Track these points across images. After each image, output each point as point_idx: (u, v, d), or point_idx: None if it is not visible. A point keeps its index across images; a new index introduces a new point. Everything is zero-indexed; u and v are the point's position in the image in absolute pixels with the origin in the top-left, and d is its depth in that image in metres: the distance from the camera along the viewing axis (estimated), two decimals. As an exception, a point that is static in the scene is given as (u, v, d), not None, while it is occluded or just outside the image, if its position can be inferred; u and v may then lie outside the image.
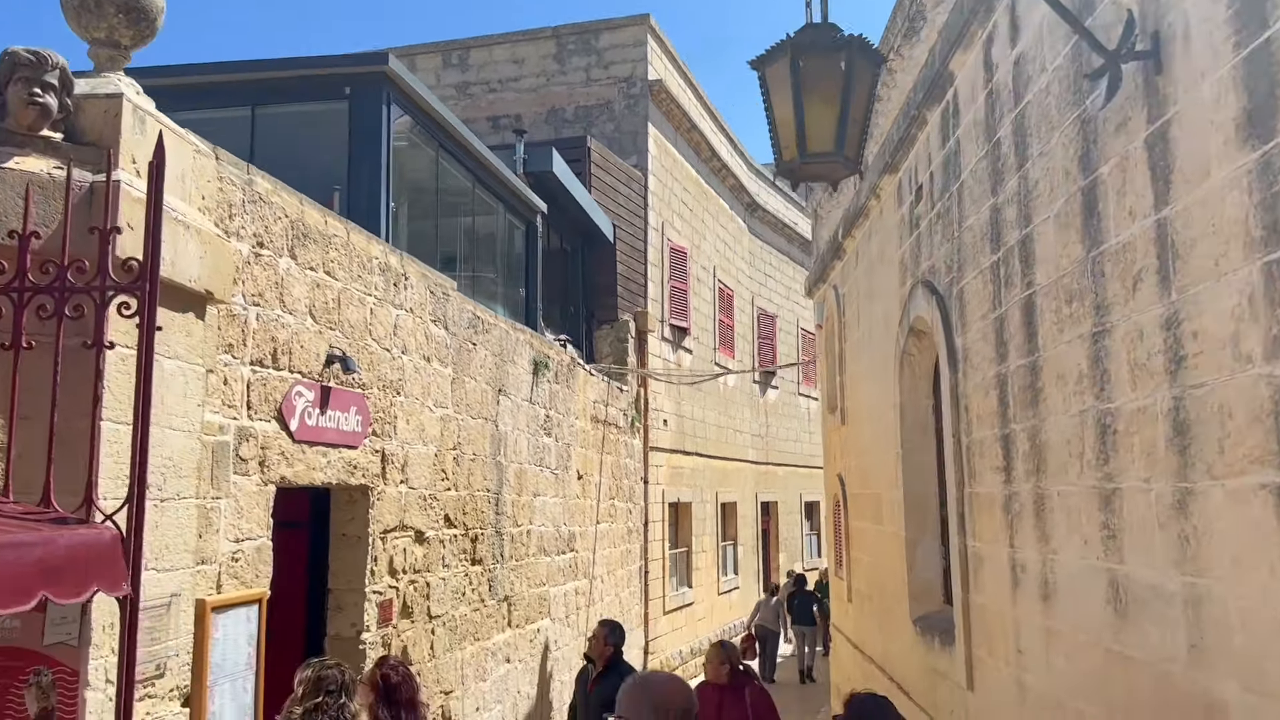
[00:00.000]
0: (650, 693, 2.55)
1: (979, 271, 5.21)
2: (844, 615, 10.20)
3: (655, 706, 2.49)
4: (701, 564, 17.34)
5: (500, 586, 8.51)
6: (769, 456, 21.66)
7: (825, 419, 11.19)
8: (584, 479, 11.45)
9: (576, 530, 11.05)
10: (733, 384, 19.75)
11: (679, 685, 2.66)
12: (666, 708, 2.50)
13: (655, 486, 15.33)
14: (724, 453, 18.92)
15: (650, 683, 2.66)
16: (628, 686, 2.60)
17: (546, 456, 9.96)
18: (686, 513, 16.84)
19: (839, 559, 10.46)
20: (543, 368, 9.76)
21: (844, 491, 9.91)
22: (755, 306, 21.42)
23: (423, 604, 6.93)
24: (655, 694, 2.55)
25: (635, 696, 2.54)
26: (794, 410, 23.38)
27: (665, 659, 15.33)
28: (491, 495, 8.33)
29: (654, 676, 2.75)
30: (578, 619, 11.04)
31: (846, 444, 9.77)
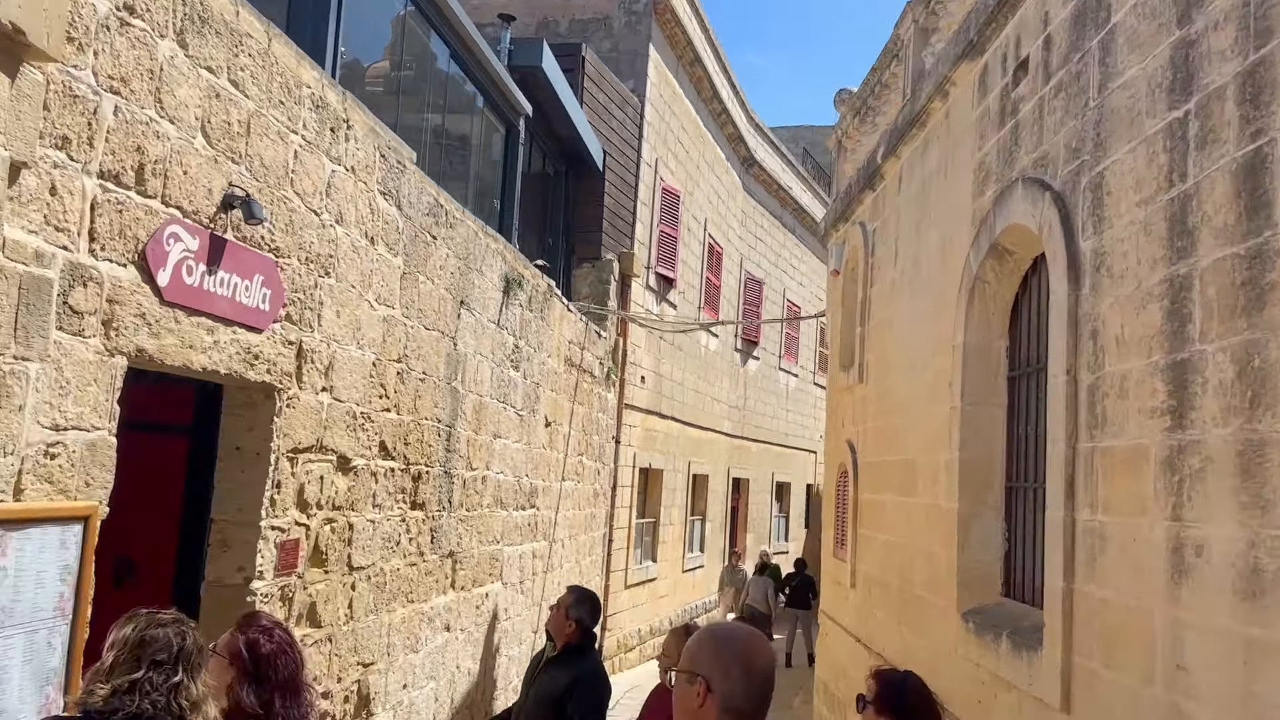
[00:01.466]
0: (733, 648, 2.02)
1: (1141, 141, 3.75)
2: (841, 603, 8.80)
3: (741, 665, 1.98)
4: (668, 537, 15.92)
5: (445, 539, 6.99)
6: (744, 430, 20.27)
7: (834, 380, 9.76)
8: (552, 428, 9.94)
9: (540, 485, 9.54)
10: (714, 349, 18.30)
11: (763, 642, 2.10)
12: (750, 667, 1.99)
13: (627, 448, 13.86)
14: (700, 421, 17.49)
15: (732, 637, 2.08)
16: (704, 638, 2.08)
17: (512, 394, 8.43)
18: (657, 481, 15.40)
19: (838, 538, 9.05)
20: (515, 287, 8.21)
21: (854, 460, 8.49)
22: (744, 270, 19.96)
23: (342, 550, 5.40)
24: (739, 650, 2.02)
25: (710, 652, 2.02)
26: (773, 385, 22.00)
27: (622, 637, 13.91)
28: (443, 428, 6.80)
29: (734, 629, 2.15)
30: (533, 586, 9.55)
31: (864, 405, 8.34)
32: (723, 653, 2.00)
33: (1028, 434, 5.26)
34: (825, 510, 9.87)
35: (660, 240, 14.89)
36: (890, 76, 8.38)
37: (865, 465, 8.16)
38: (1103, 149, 4.07)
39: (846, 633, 8.51)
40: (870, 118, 8.88)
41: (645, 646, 14.99)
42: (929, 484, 6.21)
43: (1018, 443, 5.39)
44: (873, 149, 8.50)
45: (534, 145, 11.41)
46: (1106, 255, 3.99)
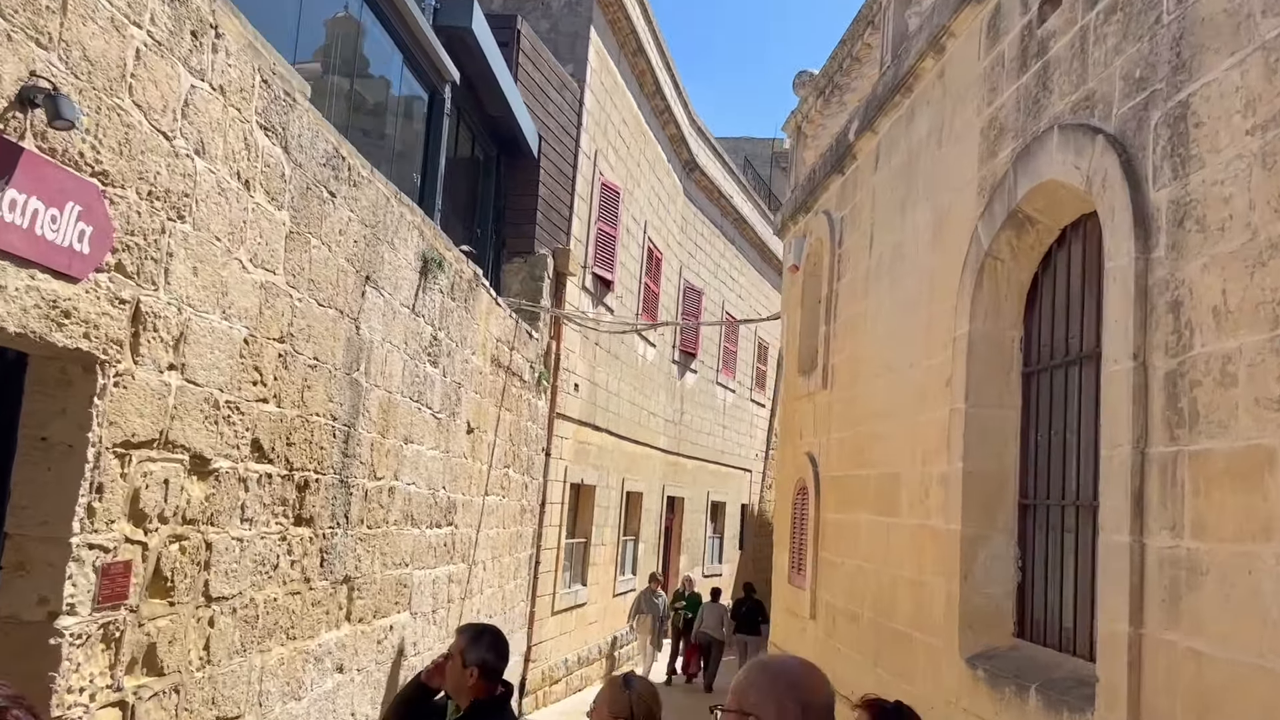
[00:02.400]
0: (788, 680, 1.87)
1: (1256, 49, 2.85)
2: (798, 635, 7.83)
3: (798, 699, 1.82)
4: (599, 559, 14.83)
5: (340, 562, 5.83)
6: (680, 447, 19.30)
7: (791, 387, 8.83)
8: (475, 435, 8.81)
9: (459, 499, 8.40)
10: (652, 359, 17.32)
11: (818, 673, 1.94)
12: (809, 701, 1.83)
13: (558, 462, 12.76)
14: (635, 435, 16.46)
15: (786, 670, 1.92)
16: (752, 672, 1.90)
17: (429, 393, 7.31)
18: (589, 498, 14.31)
19: (795, 563, 8.09)
20: (435, 268, 7.10)
21: (815, 475, 7.55)
22: (683, 278, 19.05)
23: (196, 576, 4.23)
24: (795, 682, 1.87)
25: (765, 687, 1.85)
26: (710, 400, 21.09)
27: (548, 668, 12.76)
28: (339, 428, 5.66)
29: (785, 660, 1.99)
30: (448, 616, 8.38)
31: (827, 413, 7.41)
32: (778, 687, 1.86)
33: (1049, 440, 4.35)
34: (778, 531, 8.92)
35: (599, 239, 13.88)
36: (863, 49, 7.51)
37: (830, 480, 7.21)
38: (1187, 71, 3.17)
39: (804, 670, 7.53)
40: (838, 96, 8.00)
41: (572, 678, 13.85)
42: (917, 501, 5.26)
43: (1035, 451, 4.47)
44: (841, 130, 7.61)
45: (462, 123, 10.32)
46: (1195, 204, 3.08)
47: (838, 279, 7.49)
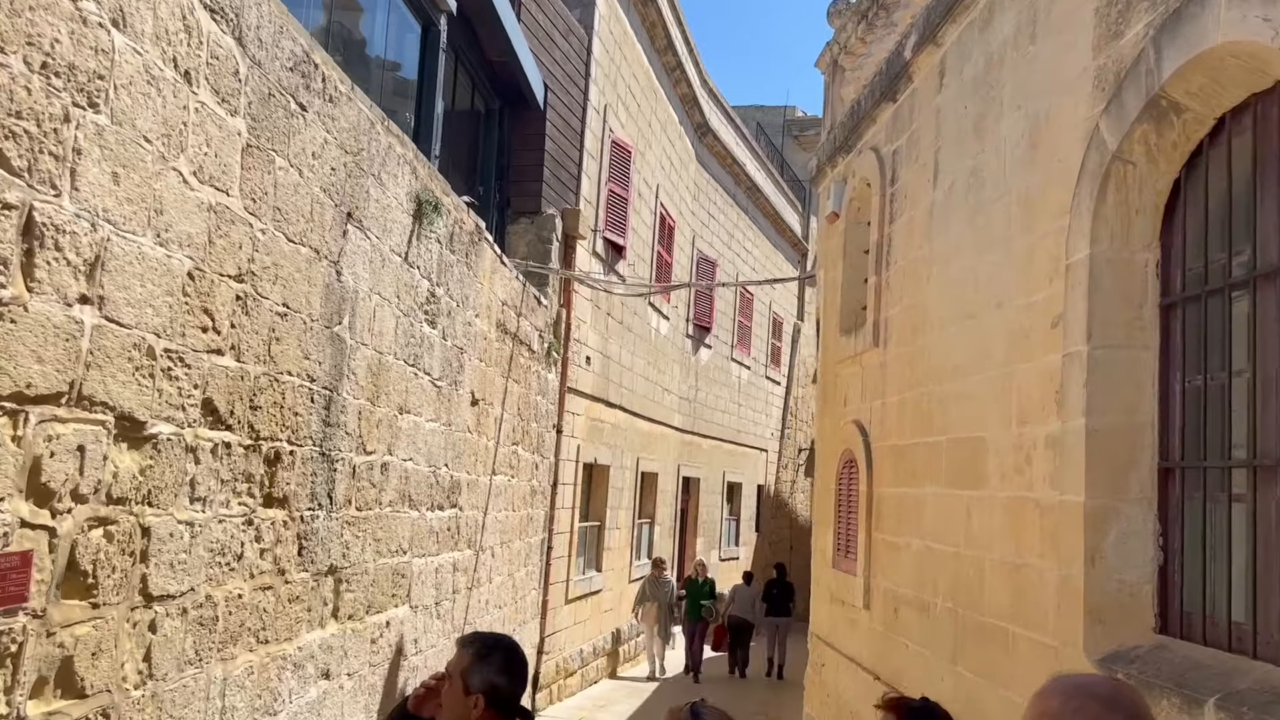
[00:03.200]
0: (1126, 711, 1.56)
1: None
2: (847, 627, 6.95)
3: None
4: (614, 543, 13.97)
5: (322, 550, 4.95)
6: (695, 426, 18.43)
7: (831, 350, 7.92)
8: (480, 408, 7.93)
9: (464, 479, 7.52)
10: (665, 333, 16.42)
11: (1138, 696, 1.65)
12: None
13: (570, 440, 11.88)
14: (649, 413, 15.58)
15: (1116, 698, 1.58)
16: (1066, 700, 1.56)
17: (427, 357, 6.41)
18: (603, 479, 13.44)
19: (841, 545, 7.20)
20: (431, 213, 6.19)
21: (866, 446, 6.65)
22: (695, 248, 18.12)
23: (130, 570, 3.34)
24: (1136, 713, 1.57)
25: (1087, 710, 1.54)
26: (725, 377, 20.19)
27: (562, 660, 11.91)
28: (319, 391, 4.76)
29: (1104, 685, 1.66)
30: (453, 608, 7.52)
31: (880, 375, 6.51)
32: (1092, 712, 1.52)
33: (1202, 387, 3.44)
34: (819, 510, 8.03)
35: (609, 201, 12.95)
36: (915, -43, 6.55)
37: (886, 451, 6.31)
38: None
39: (855, 665, 6.66)
40: (884, 16, 7.06)
41: (588, 669, 13.02)
42: (1012, 471, 4.36)
43: (1180, 401, 3.57)
44: (891, 51, 6.67)
45: (461, 68, 9.39)
46: None
47: (889, 221, 6.56)
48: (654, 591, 14.17)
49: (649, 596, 14.16)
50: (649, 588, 14.26)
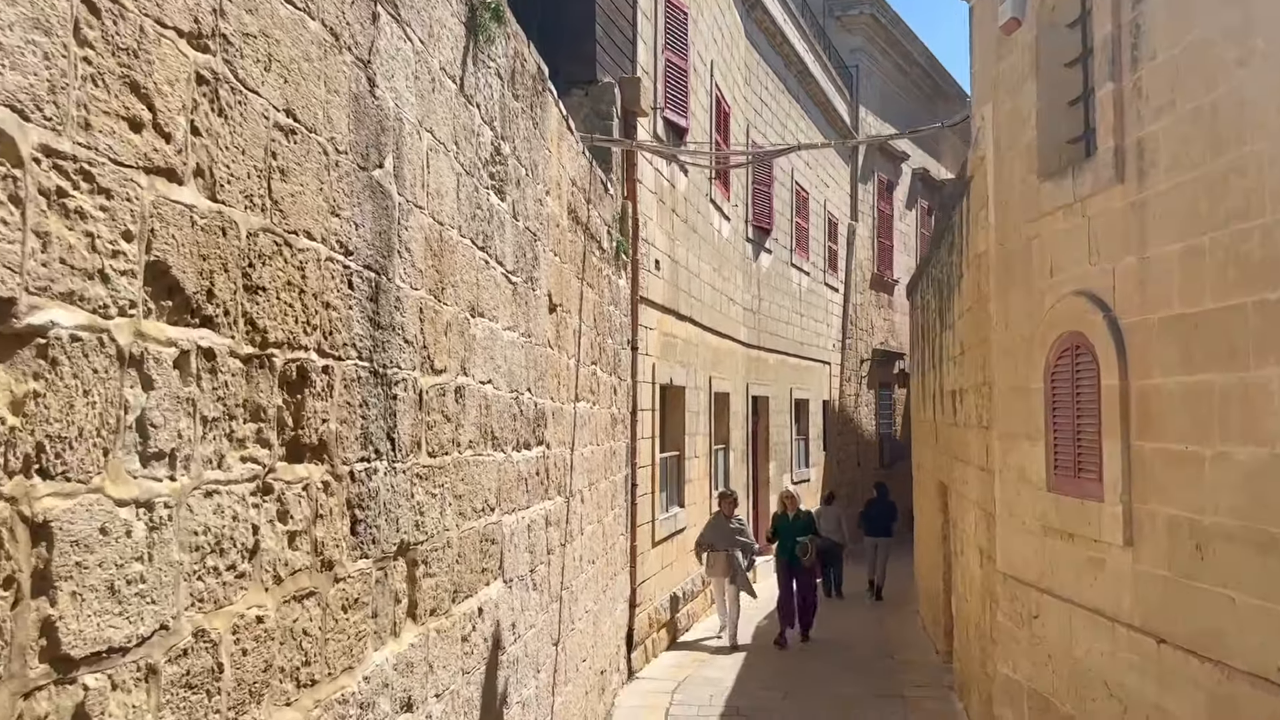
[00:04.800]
0: None
1: None
2: (1084, 571, 5.17)
3: None
4: (694, 474, 12.26)
5: (388, 521, 3.17)
6: (760, 340, 16.59)
7: (1016, 203, 6.01)
8: (559, 315, 6.11)
9: (548, 407, 5.74)
10: (726, 235, 14.50)
11: None
12: None
13: (645, 359, 10.09)
14: (719, 326, 13.75)
15: None
16: None
17: (497, 239, 4.57)
18: (678, 402, 11.67)
19: (1062, 457, 5.38)
20: (490, 23, 4.29)
21: (1111, 323, 4.80)
22: (750, 139, 16.07)
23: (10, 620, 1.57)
24: None
25: None
26: (785, 284, 18.26)
27: (653, 611, 10.28)
28: (359, 272, 2.95)
29: None
30: (549, 574, 5.79)
31: (1138, 220, 4.65)
32: None
33: None
34: (1003, 413, 6.18)
35: (667, 73, 10.94)
36: None
37: (1160, 327, 4.45)
38: None
39: (1106, 621, 4.88)
40: None
41: (680, 617, 11.41)
42: None
43: None
44: None
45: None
46: None
47: (1134, 1, 4.60)
48: (718, 535, 11.12)
49: (714, 543, 11.07)
50: (711, 532, 11.22)
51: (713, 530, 11.25)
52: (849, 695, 9.10)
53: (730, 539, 11.10)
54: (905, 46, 24.61)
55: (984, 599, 7.06)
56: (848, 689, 9.35)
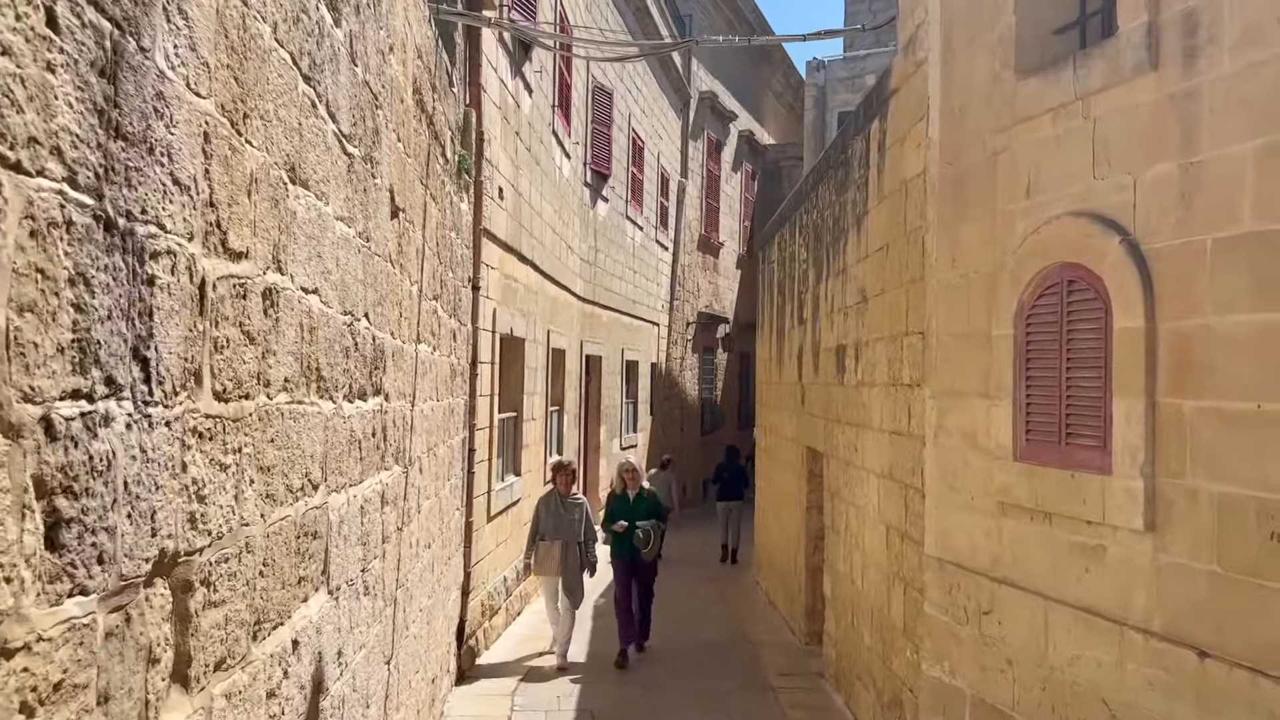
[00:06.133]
0: None
1: None
2: (1073, 560, 4.20)
3: None
4: (531, 438, 10.85)
5: (133, 517, 1.65)
6: (595, 295, 15.32)
7: (964, 115, 4.94)
8: (402, 224, 4.55)
9: (388, 343, 4.20)
10: (567, 175, 13.08)
11: None
12: None
13: (487, 302, 8.58)
14: (557, 275, 12.35)
15: None
16: None
17: (329, 75, 3.01)
18: (517, 356, 10.21)
19: (1045, 422, 4.38)
20: None
21: (1134, 250, 3.79)
22: (591, 73, 14.67)
23: None
24: None
25: None
26: (620, 237, 17.04)
27: (487, 596, 8.83)
28: (75, 2, 1.40)
29: None
30: (383, 570, 4.28)
31: (1191, 114, 3.61)
32: None
33: None
34: (946, 364, 5.12)
35: (515, -29, 9.37)
36: None
37: (1198, 253, 3.47)
38: None
39: (1106, 623, 3.91)
40: None
41: (512, 600, 10.01)
42: None
43: None
44: None
45: None
46: None
47: None
48: (554, 519, 8.59)
49: (547, 530, 8.59)
50: (545, 513, 8.67)
51: (548, 513, 8.62)
52: (713, 689, 8.03)
53: (570, 527, 8.53)
54: (737, 3, 23.79)
55: (894, 585, 6.08)
56: (709, 681, 8.28)
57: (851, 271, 7.31)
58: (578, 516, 8.63)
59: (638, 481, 9.33)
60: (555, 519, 8.60)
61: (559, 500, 8.69)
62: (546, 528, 8.60)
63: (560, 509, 8.63)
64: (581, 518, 8.64)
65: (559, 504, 8.66)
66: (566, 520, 8.58)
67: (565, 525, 8.57)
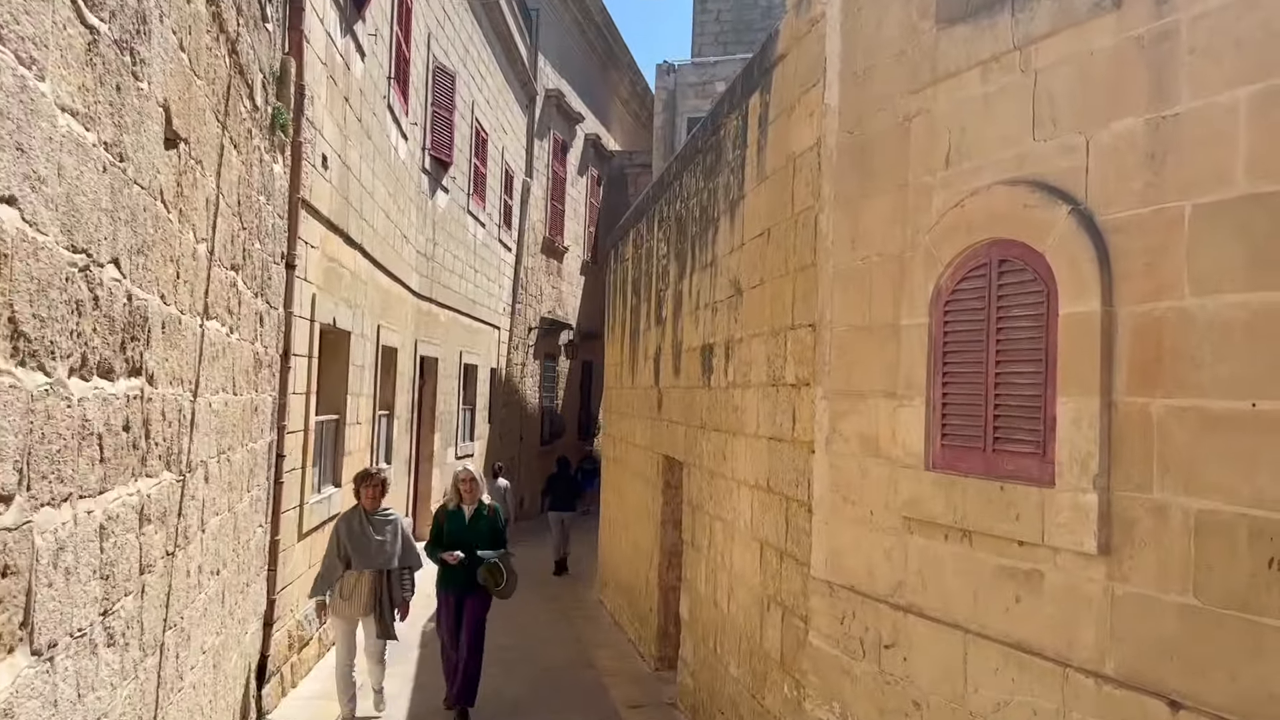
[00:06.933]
0: None
1: None
2: (998, 587, 3.60)
3: None
4: (355, 444, 9.69)
5: None
6: (433, 291, 14.22)
7: (866, 82, 4.31)
8: (183, 158, 3.51)
9: (154, 307, 3.16)
10: (403, 157, 11.97)
11: None
12: None
13: (305, 286, 7.45)
14: (391, 265, 11.23)
15: None
16: None
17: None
18: (341, 351, 9.07)
19: (970, 427, 3.76)
20: None
21: (1088, 223, 3.20)
22: (431, 52, 13.61)
23: None
24: None
25: None
26: (461, 233, 15.98)
27: (295, 626, 7.63)
28: None
29: None
30: (141, 611, 3.21)
31: (1166, 55, 3.03)
32: None
33: None
34: (843, 360, 4.44)
35: (350, -85, 8.29)
36: None
37: (1173, 222, 2.91)
38: None
39: (1045, 663, 3.30)
40: None
41: (326, 630, 8.81)
42: None
43: None
44: None
45: None
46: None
47: None
48: (360, 546, 6.82)
49: (347, 557, 6.81)
50: (349, 536, 6.82)
51: (351, 536, 6.79)
52: (557, 726, 7.16)
53: (382, 551, 6.81)
54: (585, 2, 23.11)
55: (769, 609, 5.40)
56: (552, 717, 7.40)
57: (723, 263, 6.63)
58: (390, 537, 6.91)
59: (477, 494, 7.40)
60: (361, 543, 6.79)
61: (364, 518, 6.86)
62: (355, 552, 6.79)
63: (367, 530, 6.84)
64: (396, 538, 6.94)
65: (364, 523, 6.85)
66: (376, 544, 6.83)
67: (375, 550, 6.82)
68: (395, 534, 6.98)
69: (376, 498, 6.97)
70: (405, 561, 7.04)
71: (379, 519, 6.95)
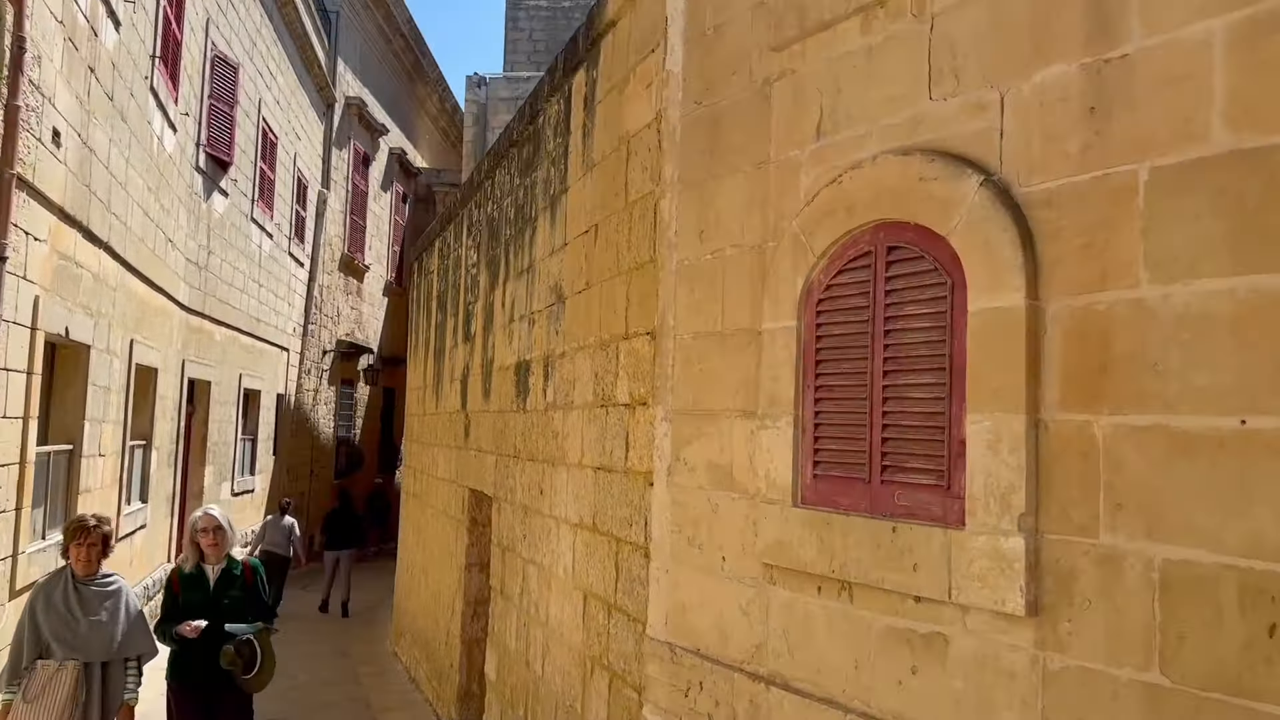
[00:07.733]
0: None
1: None
2: (917, 659, 2.85)
3: None
4: (95, 480, 8.13)
5: None
6: (206, 306, 12.62)
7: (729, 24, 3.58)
8: None
9: None
10: (170, 150, 10.47)
11: None
12: None
13: (23, 285, 6.02)
14: (151, 272, 9.70)
15: None
16: None
17: None
18: (77, 367, 7.55)
19: (866, 454, 3.03)
20: None
21: (1009, 198, 2.54)
22: (209, 38, 12.13)
23: None
24: None
25: None
26: (243, 242, 14.38)
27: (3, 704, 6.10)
28: None
29: None
30: None
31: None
32: None
33: None
34: (689, 374, 3.64)
35: None
36: None
37: (1124, 191, 2.27)
38: None
39: None
40: None
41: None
42: None
43: None
44: None
45: None
46: None
47: None
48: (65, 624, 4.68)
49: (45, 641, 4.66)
50: (48, 614, 4.67)
51: (51, 614, 4.69)
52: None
53: (97, 634, 4.72)
54: (390, 9, 21.87)
55: (593, 674, 4.52)
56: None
57: (542, 267, 5.76)
58: (108, 616, 4.77)
59: (225, 547, 5.27)
60: (64, 622, 4.68)
61: (71, 588, 4.75)
62: (56, 635, 4.65)
63: (71, 604, 4.72)
64: (117, 616, 4.80)
65: (69, 594, 4.73)
66: (88, 625, 4.71)
67: (85, 633, 4.69)
68: (117, 609, 4.81)
69: (93, 559, 4.79)
70: (130, 649, 4.85)
71: (96, 589, 4.79)
